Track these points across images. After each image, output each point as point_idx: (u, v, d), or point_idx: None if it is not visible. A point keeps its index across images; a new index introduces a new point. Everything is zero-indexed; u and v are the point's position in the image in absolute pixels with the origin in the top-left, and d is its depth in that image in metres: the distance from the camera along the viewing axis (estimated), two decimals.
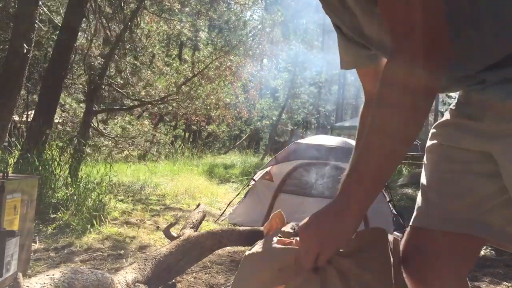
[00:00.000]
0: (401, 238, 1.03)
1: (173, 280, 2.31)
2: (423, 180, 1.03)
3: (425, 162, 1.05)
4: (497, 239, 0.92)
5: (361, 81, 1.15)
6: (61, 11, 8.55)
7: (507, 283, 2.87)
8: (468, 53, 0.85)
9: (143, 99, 7.70)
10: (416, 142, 22.10)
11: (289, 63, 21.53)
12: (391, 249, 0.90)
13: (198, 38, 11.47)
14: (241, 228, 2.21)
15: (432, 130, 1.05)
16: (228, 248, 3.17)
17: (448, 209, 0.95)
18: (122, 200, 4.99)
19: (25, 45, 4.41)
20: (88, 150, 7.14)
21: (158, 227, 3.93)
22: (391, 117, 0.77)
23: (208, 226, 4.05)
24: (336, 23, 1.01)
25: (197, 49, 16.27)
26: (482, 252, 3.48)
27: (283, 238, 0.91)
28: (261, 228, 2.10)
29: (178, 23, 8.56)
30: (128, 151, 8.89)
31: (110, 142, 8.32)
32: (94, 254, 3.04)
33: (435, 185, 0.99)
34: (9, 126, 4.68)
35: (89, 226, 3.61)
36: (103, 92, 8.10)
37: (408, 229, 1.03)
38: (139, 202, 5.11)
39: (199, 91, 8.39)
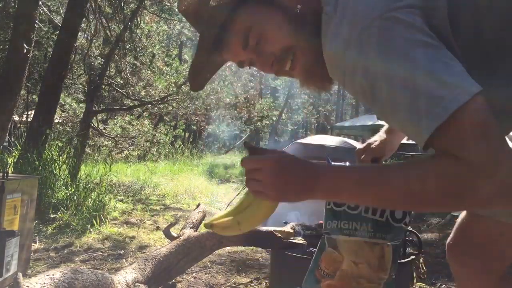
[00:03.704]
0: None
1: (173, 280, 2.31)
2: None
3: None
4: None
5: None
6: (61, 11, 8.55)
7: None
8: None
9: (143, 99, 7.69)
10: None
11: None
12: None
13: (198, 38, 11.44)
14: None
15: None
16: (228, 248, 3.17)
17: None
18: (122, 200, 4.99)
19: (25, 45, 4.41)
20: (88, 150, 7.14)
21: (158, 227, 3.93)
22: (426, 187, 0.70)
23: None
24: None
25: None
26: None
27: None
28: (261, 228, 2.10)
29: (178, 23, 8.56)
30: (128, 151, 8.90)
31: (110, 142, 8.33)
32: (94, 254, 3.04)
33: None
34: (9, 126, 4.68)
35: (89, 226, 3.61)
36: (103, 92, 8.09)
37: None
38: (139, 202, 5.11)
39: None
